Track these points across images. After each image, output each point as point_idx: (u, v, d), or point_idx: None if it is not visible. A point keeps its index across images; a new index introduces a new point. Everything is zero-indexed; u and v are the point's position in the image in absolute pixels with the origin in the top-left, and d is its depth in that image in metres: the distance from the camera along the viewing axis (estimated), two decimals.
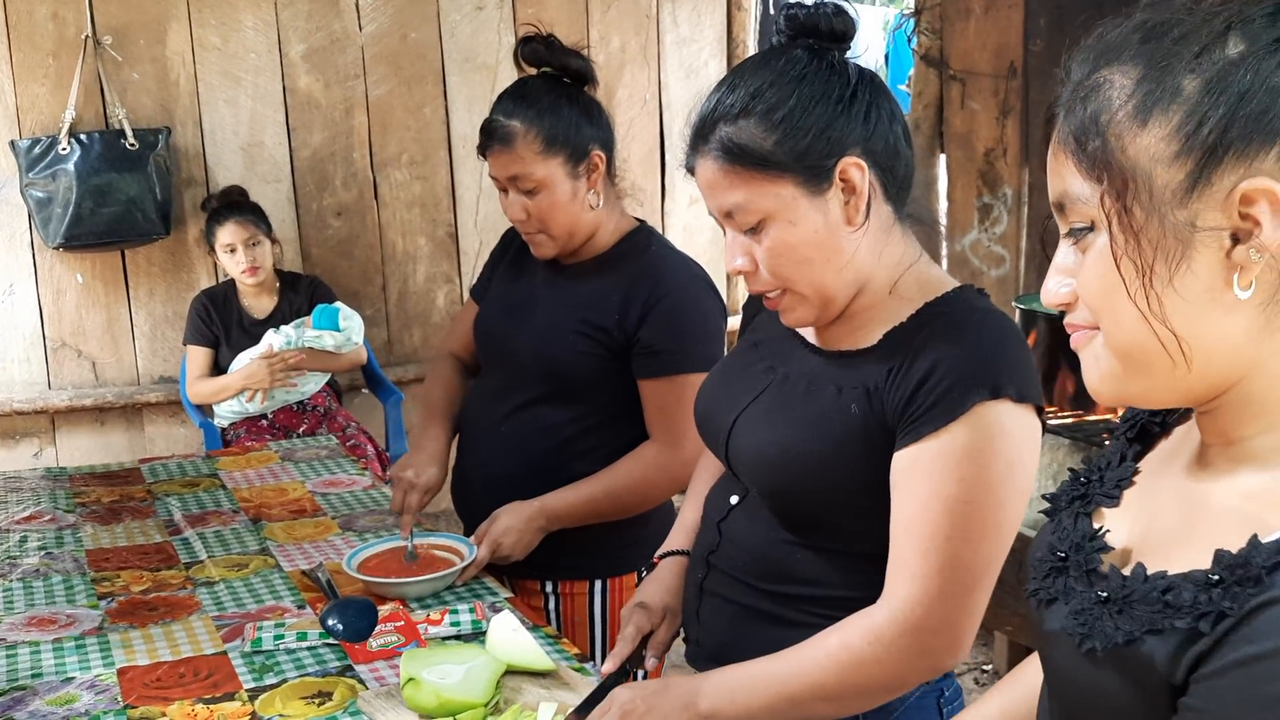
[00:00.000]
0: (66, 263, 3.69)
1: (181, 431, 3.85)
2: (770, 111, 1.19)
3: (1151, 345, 0.74)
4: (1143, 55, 0.73)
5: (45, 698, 1.42)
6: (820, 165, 1.19)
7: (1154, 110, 0.72)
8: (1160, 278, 0.72)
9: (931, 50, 3.53)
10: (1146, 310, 0.73)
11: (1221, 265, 0.72)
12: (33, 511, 2.13)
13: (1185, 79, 0.71)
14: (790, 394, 1.30)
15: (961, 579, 1.16)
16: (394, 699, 1.38)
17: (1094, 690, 0.78)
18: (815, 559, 1.28)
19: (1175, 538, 0.78)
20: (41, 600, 1.73)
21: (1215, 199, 0.71)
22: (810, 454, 1.24)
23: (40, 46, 3.56)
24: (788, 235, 1.21)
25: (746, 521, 1.35)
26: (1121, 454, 0.90)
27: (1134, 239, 0.73)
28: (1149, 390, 0.77)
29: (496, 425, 1.91)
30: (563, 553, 1.85)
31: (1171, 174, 0.72)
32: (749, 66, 1.23)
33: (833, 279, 1.23)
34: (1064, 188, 0.77)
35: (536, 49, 1.85)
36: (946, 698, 1.33)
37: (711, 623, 1.39)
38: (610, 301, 1.82)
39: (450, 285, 4.13)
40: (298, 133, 3.86)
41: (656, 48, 4.27)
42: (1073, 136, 0.76)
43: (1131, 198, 0.73)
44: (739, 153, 1.20)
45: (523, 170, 1.79)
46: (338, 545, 1.94)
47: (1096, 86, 0.75)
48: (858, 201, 1.21)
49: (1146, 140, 0.72)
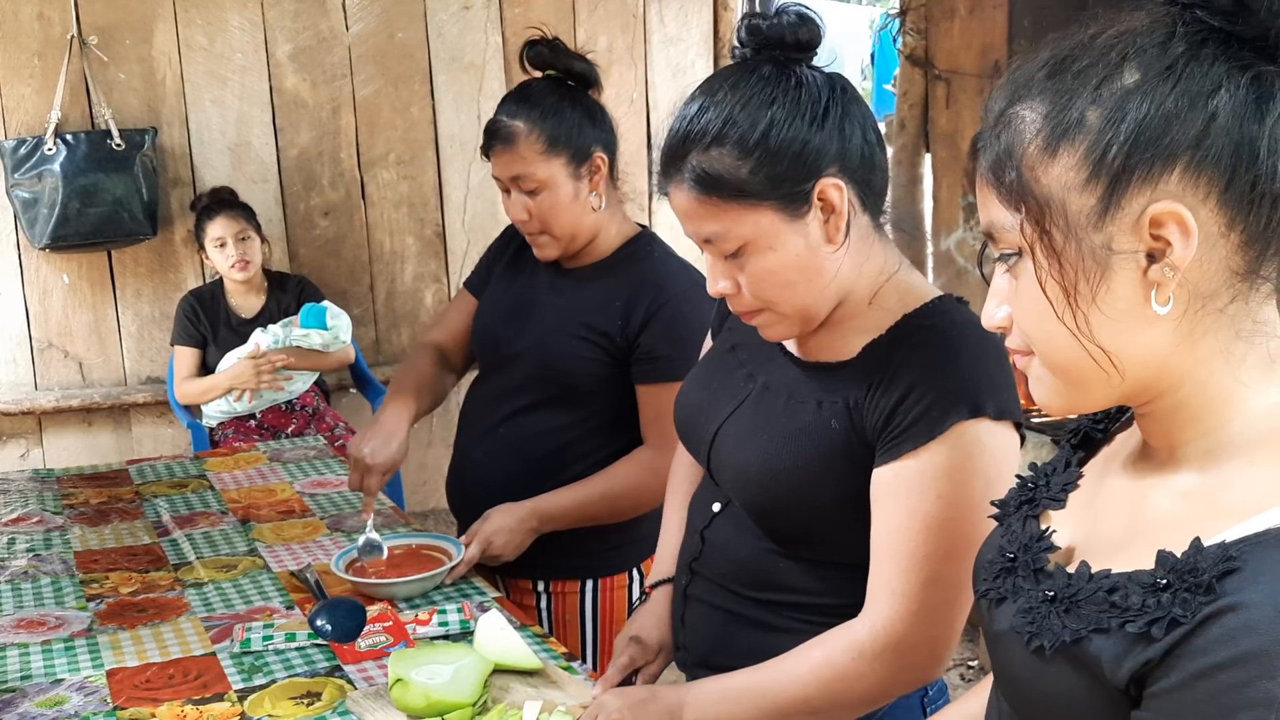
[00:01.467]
0: (53, 263, 3.68)
1: (169, 432, 3.85)
2: (743, 139, 1.15)
3: (1084, 361, 0.78)
4: (1048, 90, 0.78)
5: (35, 699, 1.43)
6: (798, 189, 1.17)
7: (1061, 142, 0.76)
8: (1084, 298, 0.77)
9: (917, 50, 3.54)
10: (1074, 329, 0.77)
11: (1140, 283, 0.76)
12: (21, 513, 2.13)
13: (1088, 110, 0.75)
14: (771, 407, 1.29)
15: (941, 595, 1.17)
16: (382, 699, 1.39)
17: (1042, 688, 0.80)
18: (799, 568, 1.28)
19: (1118, 538, 0.81)
20: (30, 602, 1.73)
21: (1127, 222, 0.75)
22: (791, 470, 1.24)
23: (26, 46, 3.55)
24: (769, 261, 1.19)
25: (729, 529, 1.35)
26: (1066, 460, 0.93)
27: (1056, 262, 0.77)
28: (1090, 400, 0.82)
29: (495, 427, 1.92)
30: (555, 552, 1.86)
31: (1084, 200, 0.76)
32: (718, 87, 1.19)
33: (815, 297, 1.23)
34: (990, 217, 0.82)
35: (541, 52, 1.86)
36: (930, 696, 1.34)
37: (697, 629, 1.39)
38: (613, 307, 1.83)
39: (438, 284, 4.13)
40: (285, 132, 3.86)
41: (643, 47, 4.28)
42: (990, 170, 0.80)
43: (1050, 224, 0.77)
44: (713, 183, 1.17)
45: (525, 170, 1.80)
46: (326, 546, 1.95)
47: (1009, 122, 0.79)
48: (837, 220, 1.19)
49: (1057, 170, 0.77)
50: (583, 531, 1.86)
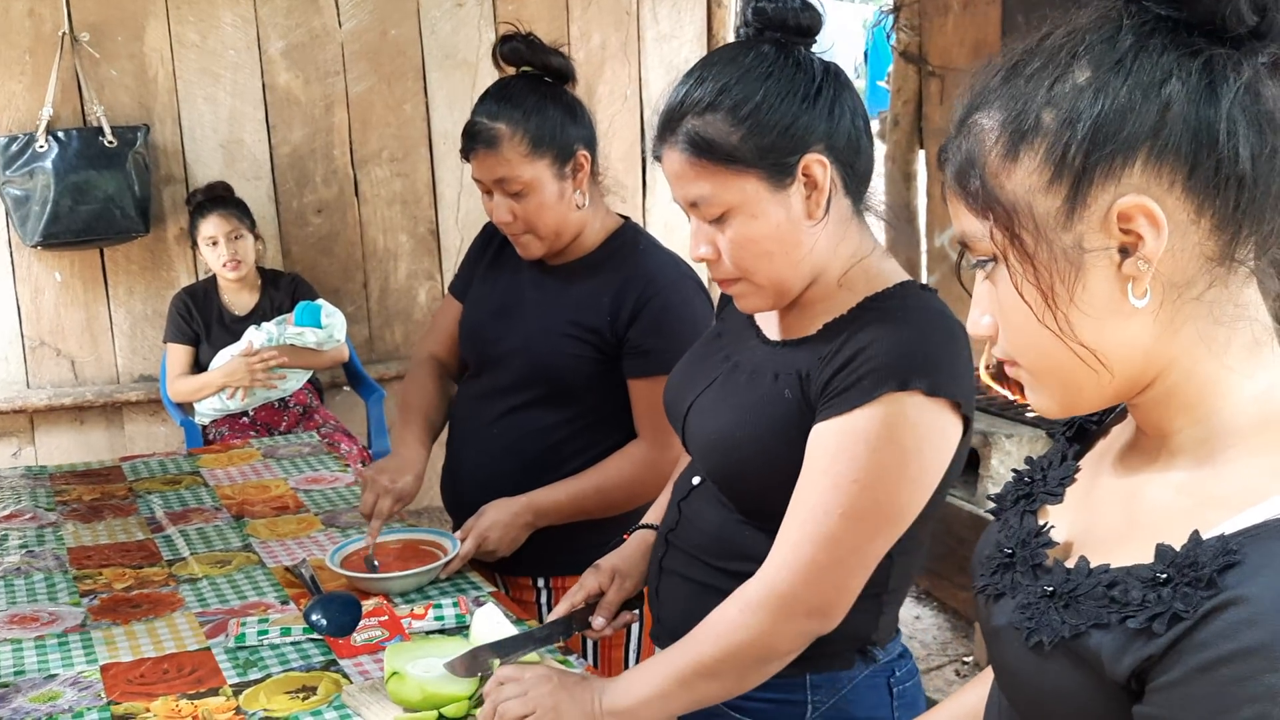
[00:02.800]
0: (45, 261, 3.67)
1: (161, 430, 3.84)
2: (737, 107, 1.21)
3: (1070, 361, 0.78)
4: (1003, 95, 0.78)
5: (28, 695, 1.42)
6: (784, 161, 1.22)
7: (1020, 146, 0.77)
8: (1061, 299, 0.77)
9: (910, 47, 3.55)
10: (1056, 330, 0.77)
11: (1115, 278, 0.76)
12: (13, 510, 2.13)
13: (1043, 112, 0.76)
14: (735, 382, 1.34)
15: (833, 553, 1.19)
16: (379, 693, 1.39)
17: (1041, 683, 0.80)
18: (763, 538, 1.30)
19: (1116, 531, 0.81)
20: (23, 598, 1.73)
21: (1095, 219, 0.75)
22: (746, 439, 1.28)
23: (16, 43, 3.54)
24: (750, 229, 1.23)
25: (704, 502, 1.38)
26: (1063, 454, 0.93)
27: (1030, 266, 0.77)
28: (1084, 401, 0.82)
29: (487, 427, 1.91)
30: (554, 548, 1.86)
31: (1049, 201, 0.76)
32: (717, 60, 1.26)
33: (790, 271, 1.26)
34: (962, 227, 0.82)
35: (517, 48, 1.84)
36: (898, 678, 1.36)
37: (670, 600, 1.42)
38: (601, 302, 1.82)
39: (431, 282, 4.13)
40: (277, 130, 3.85)
41: (637, 44, 4.28)
42: (955, 180, 0.81)
43: (1019, 228, 0.77)
44: (705, 146, 1.22)
45: (510, 173, 1.79)
46: (320, 541, 1.95)
47: (969, 130, 0.80)
48: (819, 197, 1.24)
49: (1020, 174, 0.77)
50: (581, 527, 1.85)
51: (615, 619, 1.51)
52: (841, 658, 1.31)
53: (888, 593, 1.31)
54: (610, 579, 1.51)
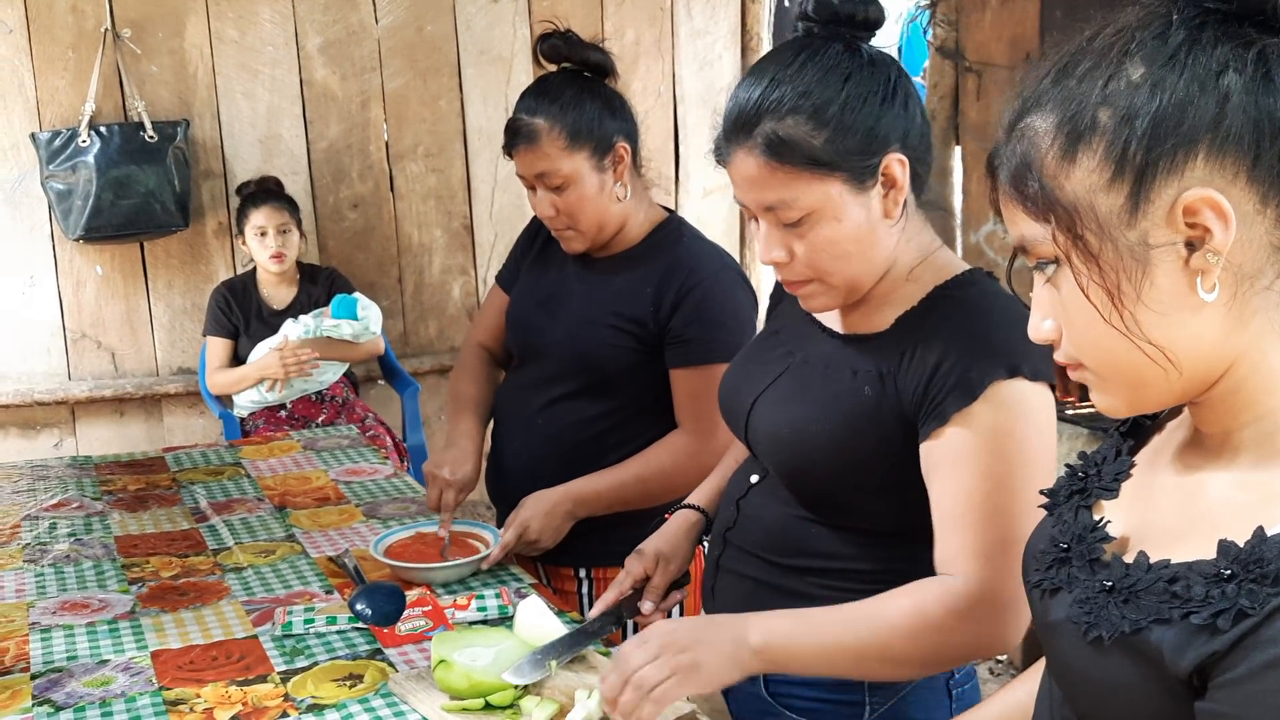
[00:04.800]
0: (86, 254, 3.72)
1: (200, 422, 3.88)
2: (819, 110, 1.19)
3: (1139, 360, 0.78)
4: (1056, 97, 0.78)
5: (81, 679, 1.45)
6: (867, 164, 1.20)
7: (1078, 146, 0.77)
8: (1128, 297, 0.76)
9: (947, 42, 3.53)
10: (1124, 329, 0.77)
11: (1183, 273, 0.75)
12: (61, 499, 2.16)
13: (1100, 111, 0.76)
14: (808, 376, 1.32)
15: (1015, 554, 1.16)
16: (424, 681, 1.40)
17: (1100, 678, 0.80)
18: (830, 535, 1.30)
19: (1174, 527, 0.80)
20: (73, 585, 1.75)
21: (1160, 215, 0.74)
22: (822, 433, 1.27)
23: (60, 39, 3.58)
24: (832, 231, 1.22)
25: (764, 499, 1.38)
26: (1117, 449, 0.93)
27: (1095, 266, 0.77)
28: (1151, 399, 0.81)
29: (531, 417, 1.93)
30: (596, 539, 1.87)
31: (1111, 199, 0.76)
32: (789, 60, 1.22)
33: (865, 270, 1.26)
34: (1020, 232, 0.82)
35: (555, 44, 1.86)
36: (956, 680, 1.35)
37: (726, 598, 1.41)
38: (644, 293, 1.83)
39: (465, 277, 4.15)
40: (314, 125, 3.88)
41: (671, 40, 4.28)
42: (1011, 185, 0.81)
43: (1082, 228, 0.77)
44: (786, 150, 1.19)
45: (549, 167, 1.80)
46: (362, 532, 1.96)
47: (1022, 134, 0.80)
48: (897, 195, 1.23)
49: (1079, 174, 0.77)
50: (622, 517, 1.86)
51: (664, 601, 1.51)
52: None
53: None
54: (654, 563, 1.51)
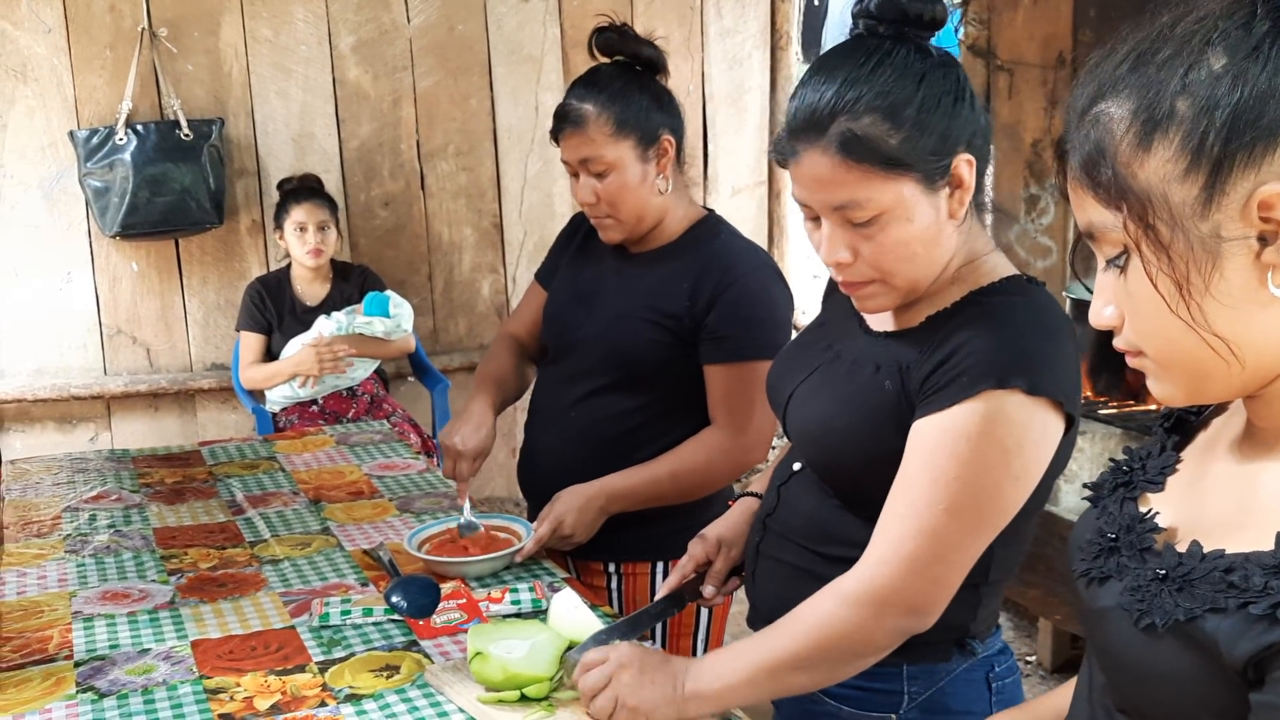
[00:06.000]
0: (122, 251, 3.77)
1: (233, 418, 3.92)
2: (896, 110, 1.18)
3: (1203, 352, 0.77)
4: (1133, 84, 0.77)
5: (124, 667, 1.47)
6: (940, 164, 1.21)
7: (1155, 135, 0.76)
8: (1197, 288, 0.76)
9: (979, 40, 3.52)
10: (1190, 321, 0.76)
11: (1253, 267, 0.75)
12: (100, 491, 2.19)
13: (1178, 101, 0.75)
14: (836, 372, 1.34)
15: (932, 547, 1.18)
16: (460, 672, 1.42)
17: (1151, 665, 0.80)
18: (859, 524, 1.30)
19: (1229, 519, 0.80)
20: (114, 575, 1.78)
21: (1234, 208, 0.74)
22: (844, 428, 1.29)
23: (98, 39, 3.63)
24: (902, 232, 1.22)
25: (803, 487, 1.39)
26: (1162, 444, 0.93)
27: (1165, 256, 0.76)
28: (1211, 391, 0.81)
29: (565, 411, 1.94)
30: (626, 534, 1.88)
31: (1186, 190, 0.75)
32: (861, 60, 1.21)
33: (928, 271, 1.26)
34: (1089, 218, 0.81)
35: (610, 38, 1.89)
36: (997, 674, 1.35)
37: (765, 584, 1.43)
38: (680, 288, 1.84)
39: (495, 275, 4.17)
40: (347, 124, 3.92)
41: (700, 39, 4.29)
42: (1083, 170, 0.80)
43: (1154, 218, 0.76)
44: (862, 149, 1.19)
45: (594, 153, 1.82)
46: (396, 526, 1.98)
47: (1096, 120, 0.79)
48: (963, 195, 1.23)
49: (1154, 163, 0.76)
50: (653, 513, 1.87)
51: (724, 586, 1.52)
52: (939, 648, 1.31)
53: (987, 584, 1.30)
54: (716, 548, 1.52)
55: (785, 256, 4.56)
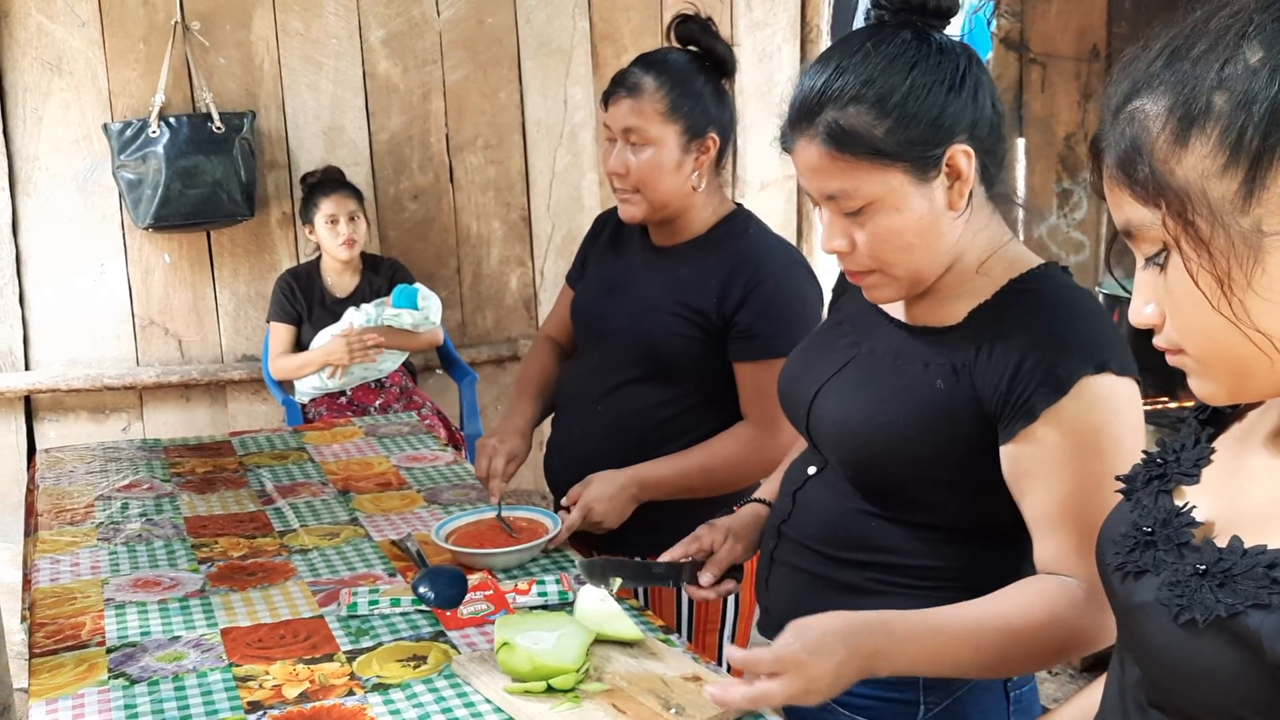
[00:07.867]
0: (155, 243, 3.80)
1: (262, 409, 3.95)
2: (882, 100, 1.17)
3: (1245, 348, 0.77)
4: (1168, 80, 0.76)
5: (155, 654, 1.49)
6: (931, 154, 1.18)
7: (1192, 130, 0.75)
8: (1238, 284, 0.75)
9: (1011, 33, 3.48)
10: (1233, 317, 0.76)
11: None
12: (132, 480, 2.22)
13: (1215, 96, 0.74)
14: (876, 367, 1.31)
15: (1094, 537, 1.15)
16: (487, 663, 1.42)
17: (1191, 660, 0.79)
18: (893, 529, 1.28)
19: (1268, 513, 0.79)
20: (145, 563, 1.80)
21: (1274, 203, 0.73)
22: (892, 425, 1.25)
23: (132, 32, 3.66)
24: (892, 222, 1.20)
25: (822, 491, 1.37)
26: (1196, 436, 0.92)
27: (1205, 252, 0.76)
28: (1254, 388, 0.80)
29: (593, 404, 1.94)
30: (653, 527, 1.87)
31: (1225, 185, 0.74)
32: (855, 48, 1.21)
33: (928, 262, 1.24)
34: (1127, 216, 0.80)
35: (691, 28, 1.89)
36: (1014, 683, 1.33)
37: (779, 591, 1.41)
38: (709, 284, 1.84)
39: (523, 269, 4.18)
40: (376, 117, 3.93)
41: (730, 31, 4.27)
42: (1119, 168, 0.79)
43: (1193, 214, 0.75)
44: (847, 140, 1.18)
45: (640, 124, 1.82)
46: (423, 517, 1.99)
47: (1131, 117, 0.78)
48: (962, 187, 1.21)
49: (1191, 159, 0.75)
50: (681, 507, 1.87)
51: (718, 584, 1.49)
52: None
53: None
54: (724, 538, 1.51)
55: (814, 251, 4.53)
